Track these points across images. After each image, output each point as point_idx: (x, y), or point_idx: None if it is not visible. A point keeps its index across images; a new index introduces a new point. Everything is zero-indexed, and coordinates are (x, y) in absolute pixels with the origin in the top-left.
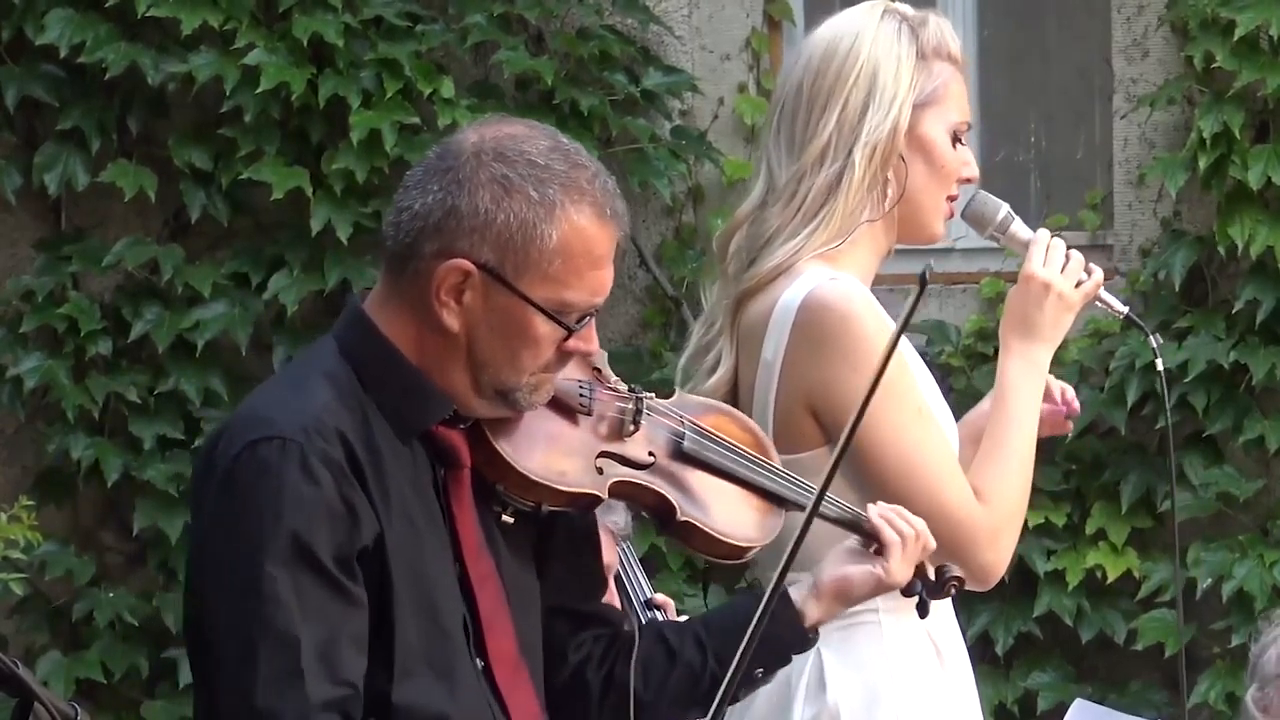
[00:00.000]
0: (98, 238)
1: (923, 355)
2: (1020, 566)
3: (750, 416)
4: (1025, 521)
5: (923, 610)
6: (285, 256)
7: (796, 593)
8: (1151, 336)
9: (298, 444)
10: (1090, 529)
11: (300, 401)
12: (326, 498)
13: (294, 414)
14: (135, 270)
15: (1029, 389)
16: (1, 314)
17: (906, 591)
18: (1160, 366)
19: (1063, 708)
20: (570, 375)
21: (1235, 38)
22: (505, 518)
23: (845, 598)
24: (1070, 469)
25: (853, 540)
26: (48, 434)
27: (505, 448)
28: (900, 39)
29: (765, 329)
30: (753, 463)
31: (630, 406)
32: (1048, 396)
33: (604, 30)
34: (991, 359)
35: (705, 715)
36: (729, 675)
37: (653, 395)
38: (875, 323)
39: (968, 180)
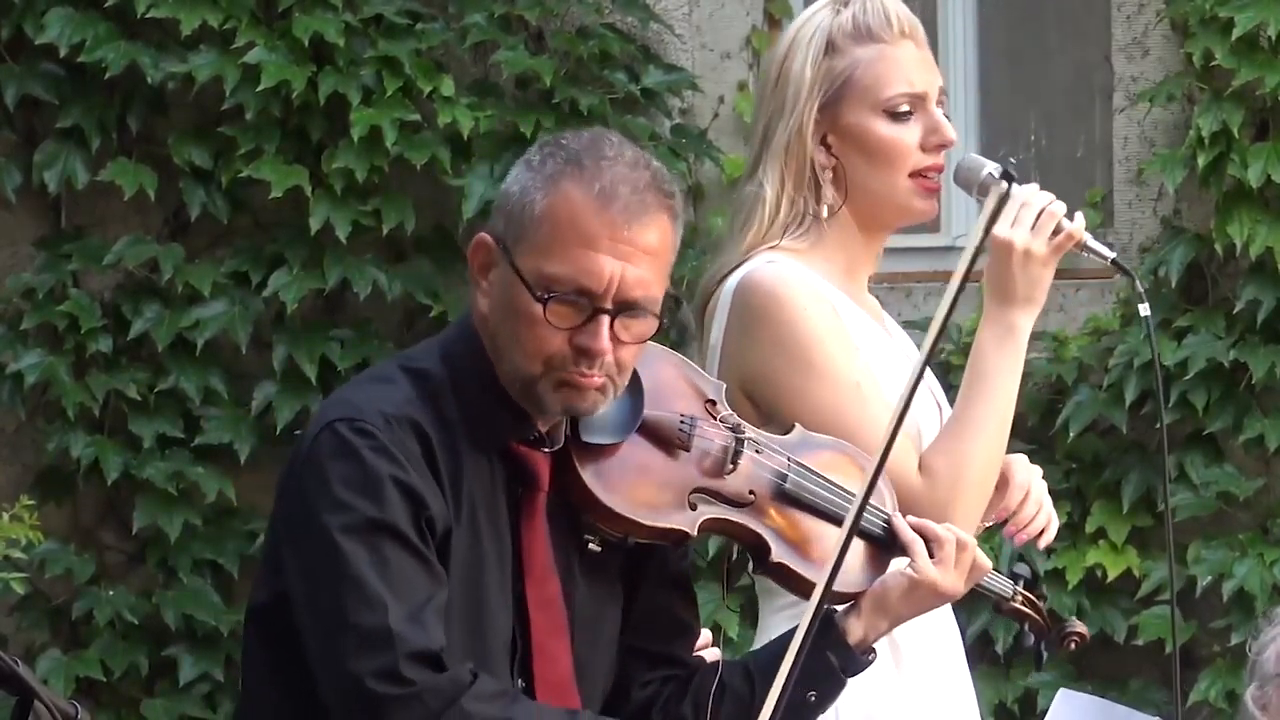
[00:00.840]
0: (98, 236)
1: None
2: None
3: None
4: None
5: (1038, 662)
6: (285, 255)
7: (840, 613)
8: (1138, 281)
9: (375, 428)
10: (1090, 528)
11: (383, 392)
12: (402, 478)
13: (375, 402)
14: (135, 268)
15: (1001, 353)
16: (2, 312)
17: (1018, 640)
18: (1145, 312)
19: None
20: (678, 409)
21: (1235, 36)
22: (592, 546)
23: (884, 608)
24: (1070, 468)
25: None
26: (48, 432)
27: (590, 476)
28: (812, 38)
29: (714, 314)
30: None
31: (731, 445)
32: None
33: (604, 29)
34: None
35: None
36: (773, 699)
37: (758, 432)
38: (805, 303)
39: (941, 146)
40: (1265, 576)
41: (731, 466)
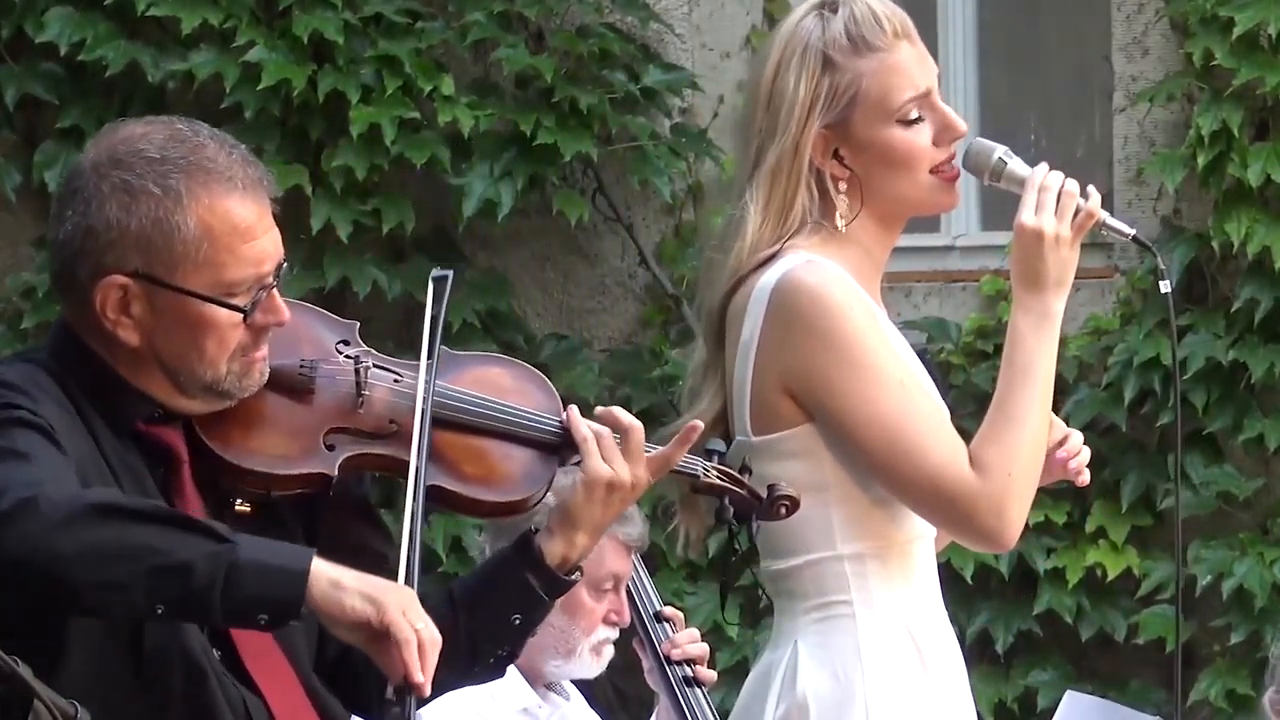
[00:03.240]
0: None
1: (922, 354)
2: (1020, 565)
3: (730, 400)
4: (1026, 520)
5: (750, 536)
6: (285, 255)
7: (539, 535)
8: (1159, 258)
9: (18, 382)
10: (1090, 527)
11: (19, 371)
12: (45, 408)
13: (9, 372)
14: None
15: (1041, 340)
16: (1, 312)
17: (718, 518)
18: (1166, 288)
19: None
20: (302, 353)
21: (1234, 36)
22: (239, 508)
23: (571, 520)
24: None
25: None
26: None
27: (213, 439)
28: (805, 53)
29: (744, 313)
30: (505, 413)
31: (353, 379)
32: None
33: (604, 28)
34: (992, 356)
35: (463, 677)
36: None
37: (388, 359)
38: (847, 299)
39: (954, 139)
40: (1265, 576)
41: (361, 399)
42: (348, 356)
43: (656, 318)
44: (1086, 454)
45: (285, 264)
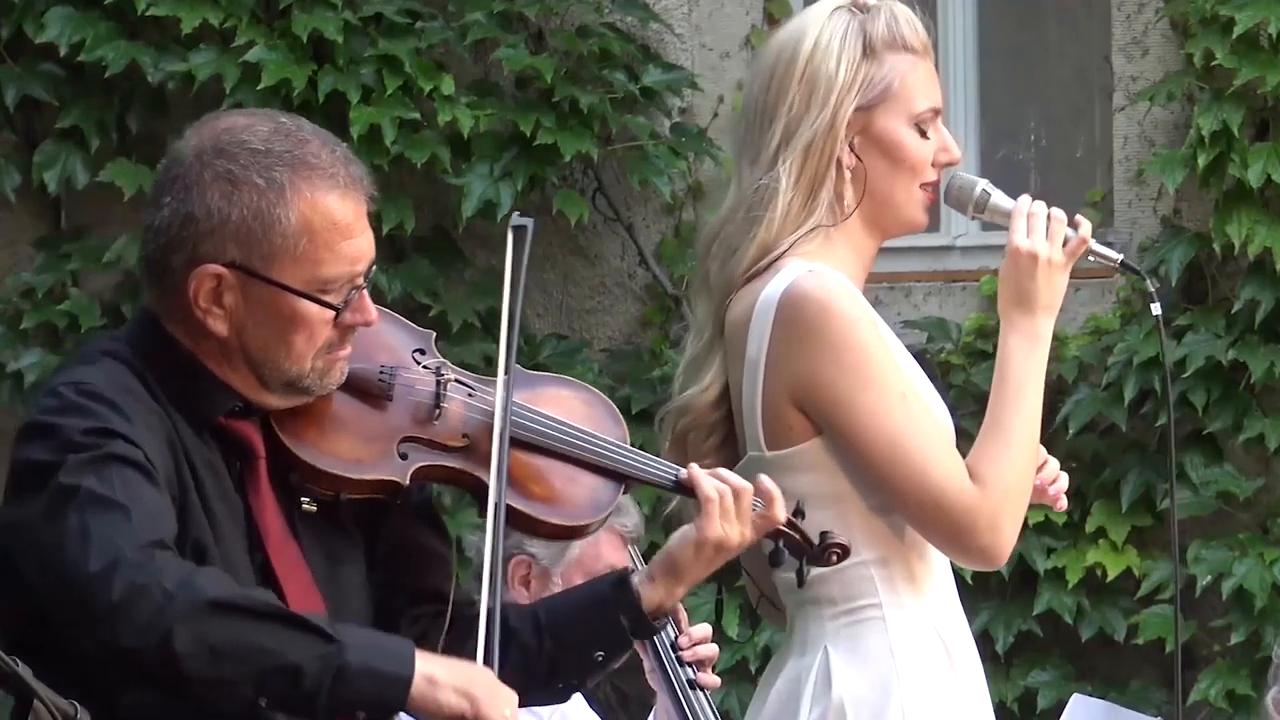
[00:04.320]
0: (97, 236)
1: (922, 354)
2: (1020, 565)
3: (740, 415)
4: (1025, 520)
5: (800, 578)
6: None
7: (637, 577)
8: (1148, 280)
9: (101, 389)
10: (1090, 527)
11: (102, 369)
12: (137, 427)
13: (99, 376)
14: (135, 268)
15: (1031, 361)
16: (1, 311)
17: (773, 561)
18: (1157, 311)
19: (1063, 706)
20: (380, 360)
21: (1235, 35)
22: (306, 507)
23: (676, 573)
24: (1070, 467)
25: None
26: None
27: (290, 438)
28: (845, 37)
29: (748, 327)
30: (578, 438)
31: (433, 389)
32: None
33: (604, 28)
34: (992, 356)
35: (528, 698)
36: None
37: (466, 374)
38: (854, 311)
39: (948, 164)
40: (1265, 576)
41: (438, 411)
42: (425, 367)
43: (656, 318)
44: (1064, 481)
45: (374, 266)
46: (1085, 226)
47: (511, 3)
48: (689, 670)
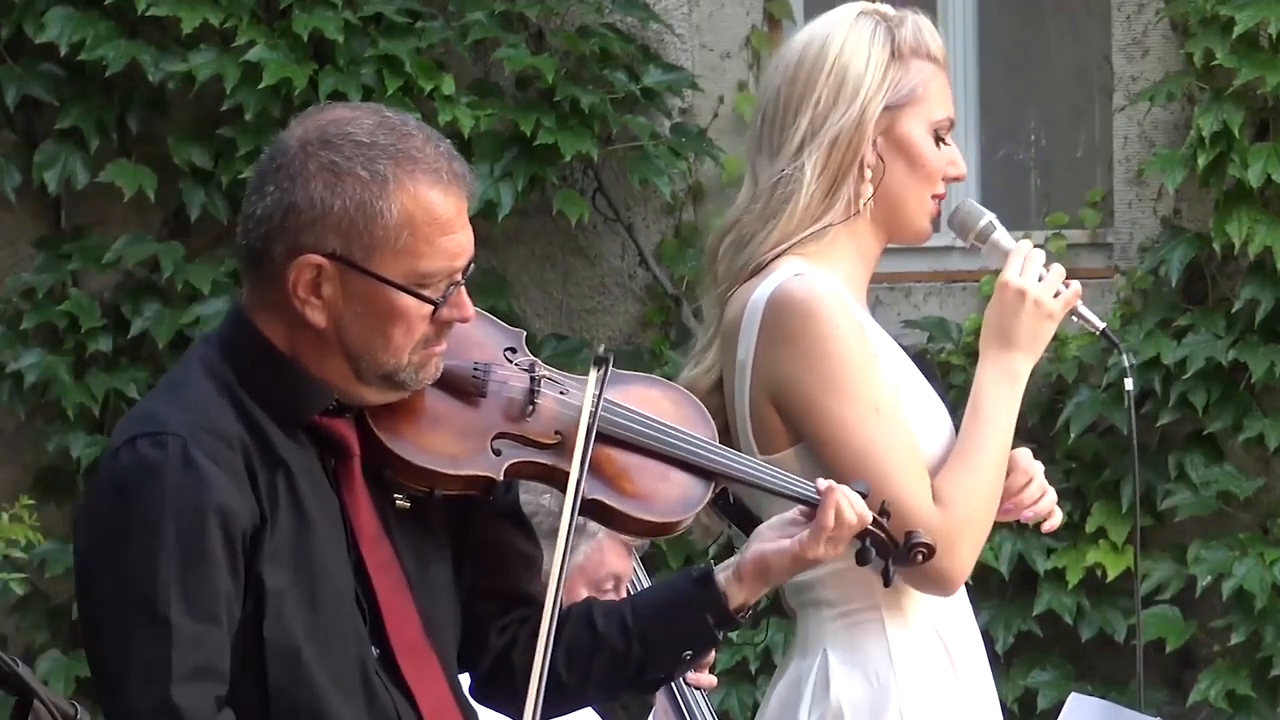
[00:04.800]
0: (97, 236)
1: (922, 354)
2: (1020, 565)
3: (732, 416)
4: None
5: (886, 578)
6: None
7: (722, 574)
8: (1125, 356)
9: (180, 438)
10: (1090, 527)
11: (182, 397)
12: (213, 496)
13: (176, 409)
14: (135, 268)
15: (1004, 397)
16: (1, 311)
17: (860, 559)
18: (1129, 386)
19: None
20: (473, 358)
21: (1235, 35)
22: (400, 503)
23: (766, 576)
24: (1070, 467)
25: (794, 511)
26: (48, 432)
27: (386, 433)
28: (874, 39)
29: (739, 328)
30: (670, 436)
31: (527, 386)
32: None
33: (604, 28)
34: None
35: (616, 695)
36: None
37: (557, 372)
38: (836, 318)
39: (955, 179)
40: (1265, 576)
41: (531, 408)
42: (518, 364)
43: (656, 318)
44: (1047, 503)
45: (473, 265)
46: (1075, 285)
47: (512, 3)
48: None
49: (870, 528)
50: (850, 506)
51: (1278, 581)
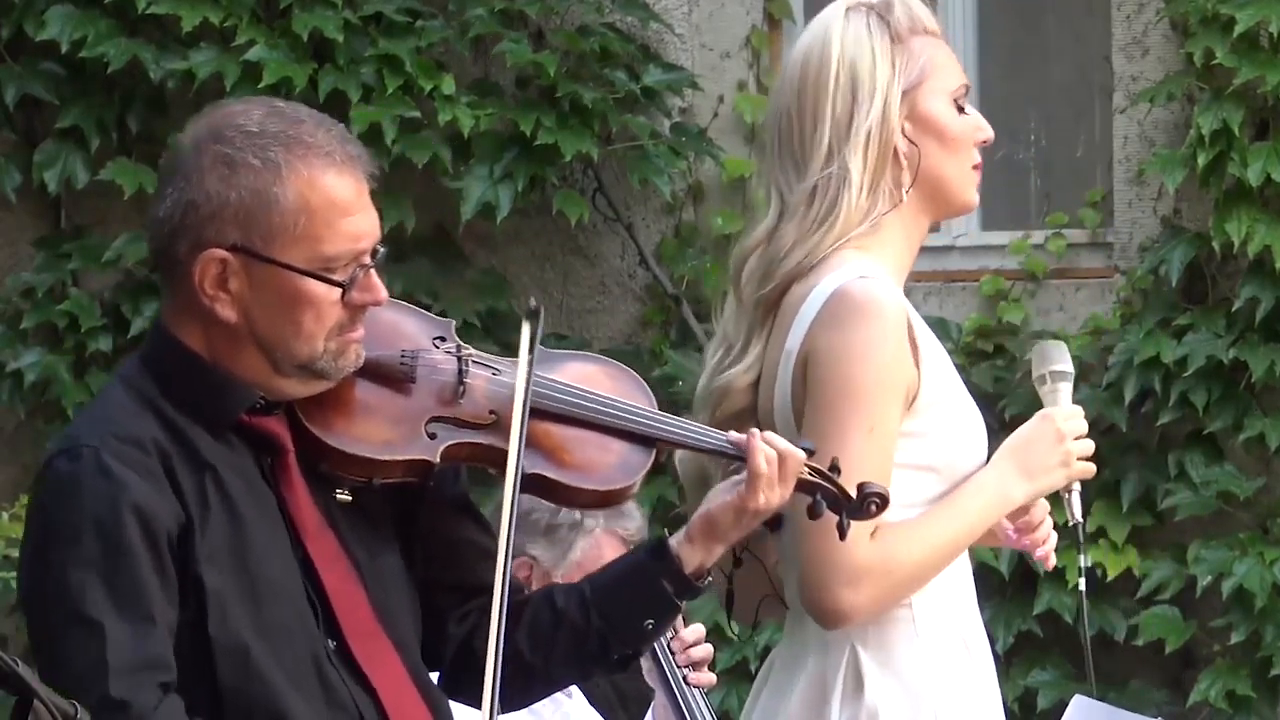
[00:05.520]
0: (97, 235)
1: None
2: (1020, 565)
3: (771, 409)
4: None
5: (841, 531)
6: None
7: (674, 540)
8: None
9: (92, 448)
10: (1090, 527)
11: (97, 411)
12: (128, 495)
13: (89, 424)
14: (135, 267)
15: (989, 505)
16: (1, 311)
17: (811, 513)
18: (1079, 517)
19: (1063, 706)
20: (400, 346)
21: (1235, 35)
22: (341, 496)
23: (715, 535)
24: None
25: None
26: (48, 431)
27: (318, 426)
28: (870, 30)
29: (795, 316)
30: (606, 406)
31: (455, 368)
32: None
33: (604, 28)
34: (992, 356)
35: (586, 673)
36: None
37: (486, 355)
38: (890, 334)
39: (984, 143)
40: (1265, 576)
41: (462, 388)
42: (446, 351)
43: (656, 318)
44: (1052, 543)
45: (382, 249)
46: (1089, 468)
47: (512, 2)
48: (685, 669)
49: (821, 482)
50: (771, 446)
51: (1278, 581)
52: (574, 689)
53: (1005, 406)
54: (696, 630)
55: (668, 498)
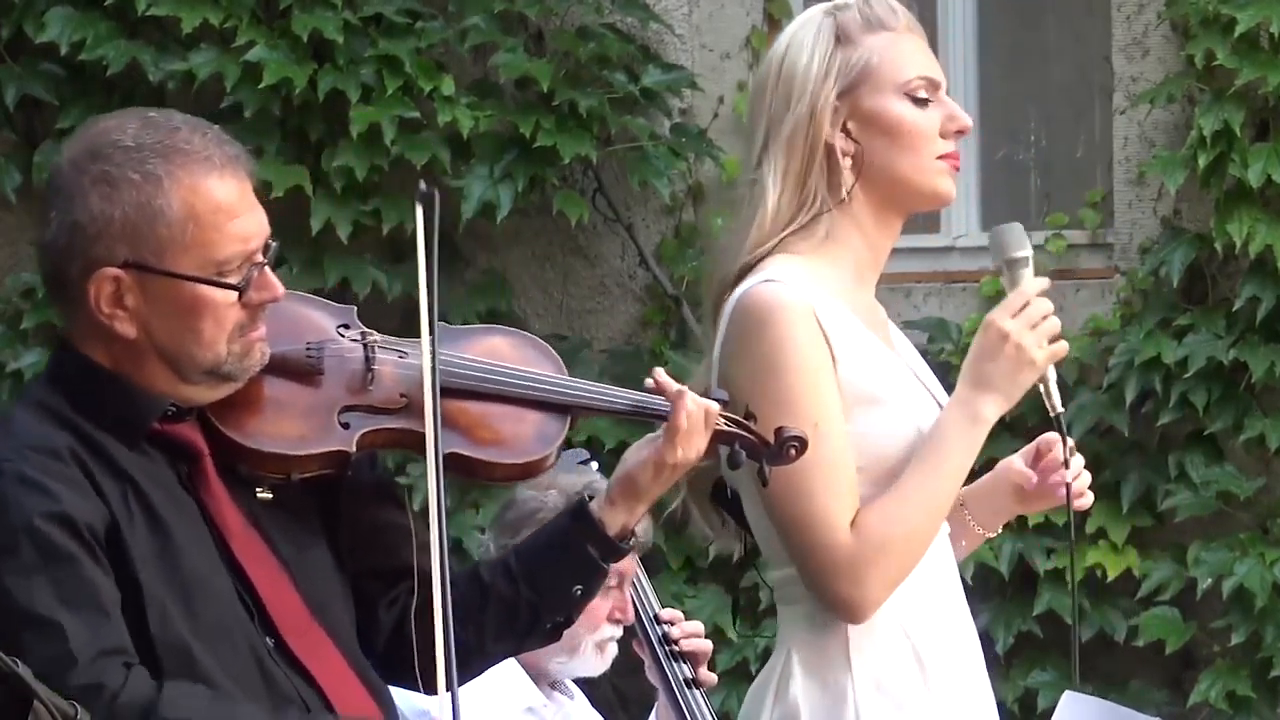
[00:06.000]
0: None
1: (922, 354)
2: (1020, 565)
3: None
4: (1025, 520)
5: (763, 479)
6: (285, 255)
7: (596, 503)
8: (1068, 445)
9: (11, 462)
10: (1090, 528)
11: (10, 430)
12: (54, 504)
13: (7, 439)
14: None
15: (962, 439)
16: (1, 311)
17: (731, 463)
18: (1069, 449)
19: None
20: (305, 339)
21: (1235, 35)
22: (262, 495)
23: (636, 494)
24: None
25: (658, 431)
26: None
27: (231, 428)
28: (819, 32)
29: (716, 327)
30: (515, 377)
31: (361, 355)
32: (1047, 465)
33: (604, 29)
34: None
35: (520, 645)
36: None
37: (393, 339)
38: (790, 331)
39: (960, 131)
40: (1265, 576)
41: (371, 375)
42: (351, 338)
43: (656, 318)
44: (1085, 480)
45: (274, 243)
46: (1062, 346)
47: (511, 3)
48: (685, 668)
49: (738, 431)
50: (693, 400)
51: (1278, 581)
52: (576, 689)
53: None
54: (695, 626)
55: (670, 502)
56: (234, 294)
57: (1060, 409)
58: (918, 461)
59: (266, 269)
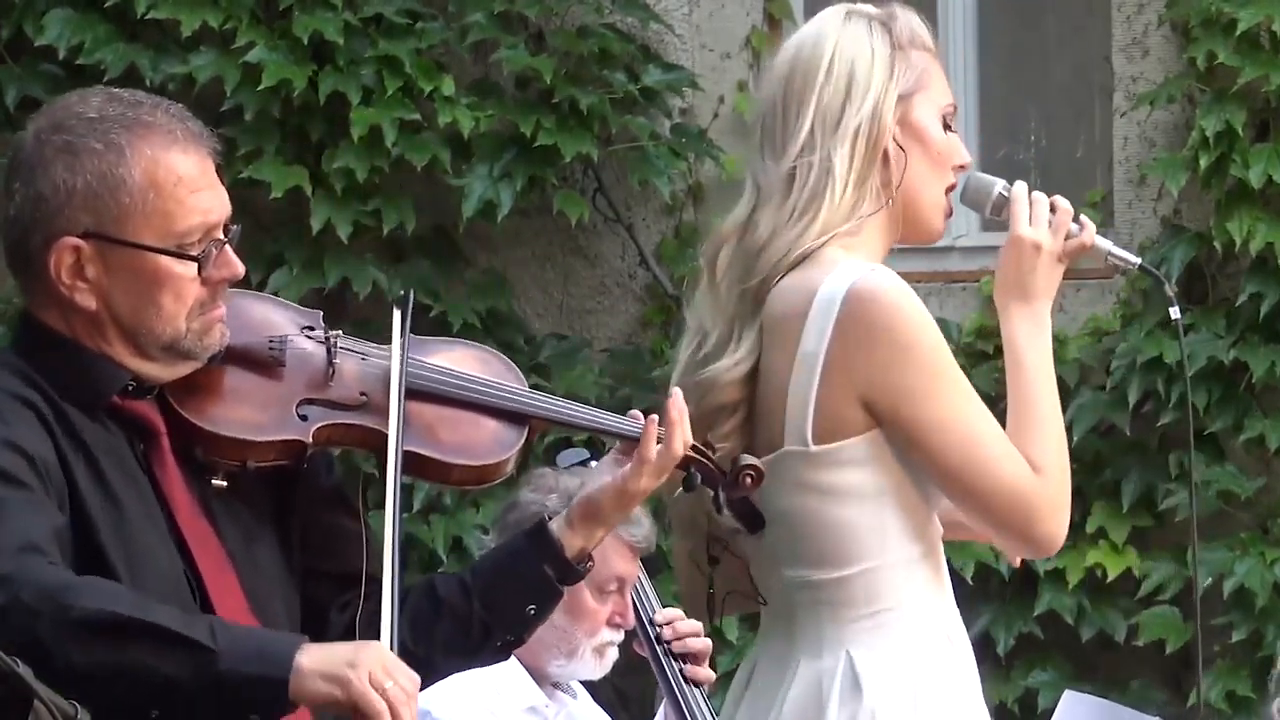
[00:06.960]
0: None
1: None
2: (1021, 565)
3: (785, 409)
4: None
5: (717, 506)
6: (285, 255)
7: (556, 524)
8: (1167, 284)
9: None
10: (1091, 528)
11: None
12: (9, 427)
13: None
14: None
15: (1041, 347)
16: (2, 311)
17: (686, 486)
18: (1176, 314)
19: None
20: (268, 334)
21: (1236, 35)
22: (216, 481)
23: (598, 518)
24: (1071, 467)
25: (613, 451)
26: None
27: (190, 410)
28: (871, 33)
29: (804, 321)
30: (476, 384)
31: (323, 352)
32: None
33: (604, 28)
34: (993, 357)
35: (469, 662)
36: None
37: (356, 340)
38: (920, 312)
39: (961, 168)
40: (1265, 576)
41: (332, 371)
42: (313, 337)
43: (656, 318)
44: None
45: (236, 226)
46: (1090, 226)
47: (512, 3)
48: (683, 667)
49: (695, 456)
50: (675, 435)
51: (1278, 581)
52: (579, 688)
53: (1006, 408)
54: (692, 624)
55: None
56: (194, 267)
57: (1137, 260)
58: (1027, 384)
59: (228, 248)
